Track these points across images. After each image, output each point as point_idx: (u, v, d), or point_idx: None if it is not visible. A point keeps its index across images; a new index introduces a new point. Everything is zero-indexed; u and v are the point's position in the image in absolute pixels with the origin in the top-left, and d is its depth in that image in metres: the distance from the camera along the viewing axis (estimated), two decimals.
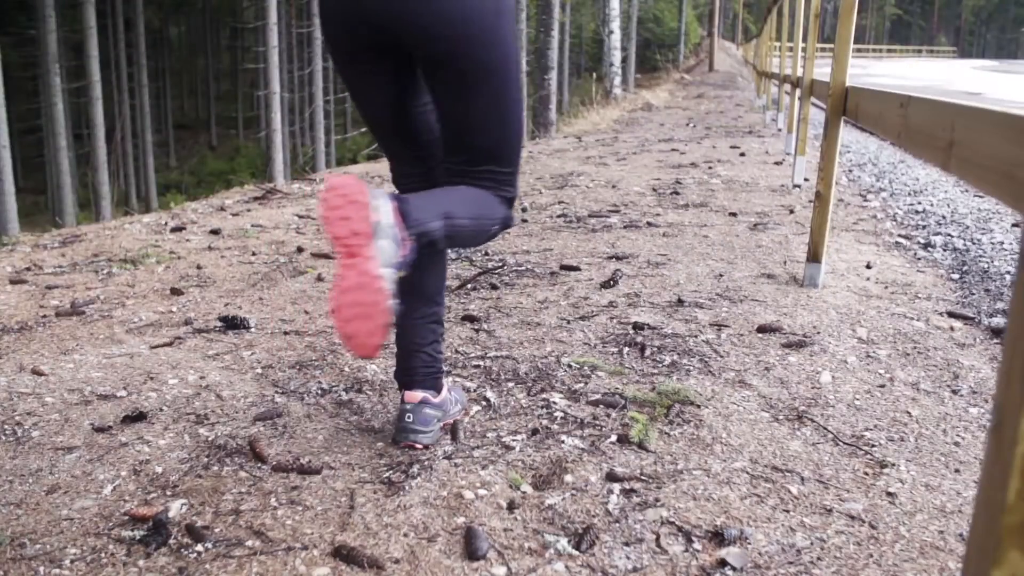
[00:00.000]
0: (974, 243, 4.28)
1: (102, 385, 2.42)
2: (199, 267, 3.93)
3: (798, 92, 6.47)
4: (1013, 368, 0.84)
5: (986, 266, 3.82)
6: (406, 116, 1.98)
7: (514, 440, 2.03)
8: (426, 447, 2.00)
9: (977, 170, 1.38)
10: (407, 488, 1.79)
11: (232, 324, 2.99)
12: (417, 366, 2.05)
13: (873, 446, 2.03)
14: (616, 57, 22.45)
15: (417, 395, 2.03)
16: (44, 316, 3.18)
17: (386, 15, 1.77)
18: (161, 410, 2.25)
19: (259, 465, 1.92)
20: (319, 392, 2.37)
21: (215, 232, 4.79)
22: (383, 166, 8.47)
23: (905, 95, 2.12)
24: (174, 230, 4.90)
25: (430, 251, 1.89)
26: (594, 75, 24.94)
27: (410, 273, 1.84)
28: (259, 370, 2.56)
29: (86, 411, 2.23)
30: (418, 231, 1.73)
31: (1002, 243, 4.25)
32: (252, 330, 2.96)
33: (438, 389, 2.07)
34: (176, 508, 1.72)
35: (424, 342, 2.05)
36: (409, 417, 2.01)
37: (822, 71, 6.83)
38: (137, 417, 2.18)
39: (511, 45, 1.90)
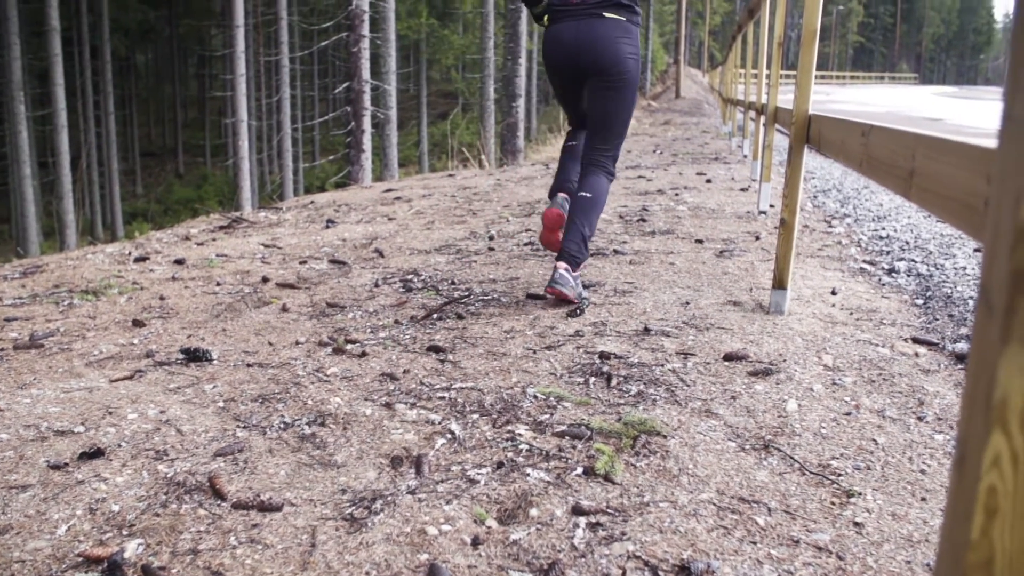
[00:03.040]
0: (937, 268, 4.31)
1: (59, 420, 2.37)
2: (162, 298, 3.88)
3: (763, 119, 6.53)
4: (975, 401, 0.83)
5: (949, 291, 3.85)
6: (581, 103, 3.83)
7: (479, 473, 2.00)
8: (567, 299, 3.45)
9: (937, 199, 1.38)
10: (369, 525, 1.76)
11: (194, 356, 2.95)
12: (568, 244, 3.56)
13: (840, 475, 2.02)
14: None
15: (563, 265, 3.49)
16: (2, 349, 3.12)
17: (587, 61, 3.57)
18: (120, 446, 2.20)
19: (219, 502, 1.88)
20: (281, 426, 2.33)
21: (179, 262, 4.74)
22: (349, 194, 8.45)
23: (867, 124, 2.13)
24: (137, 260, 4.84)
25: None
26: None
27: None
28: (221, 403, 2.52)
29: (42, 448, 2.18)
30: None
31: (964, 268, 4.29)
32: (214, 362, 2.92)
33: (573, 260, 3.52)
34: (132, 548, 1.68)
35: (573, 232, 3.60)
36: (558, 276, 3.44)
37: (786, 98, 6.92)
38: (94, 453, 2.13)
39: (634, 74, 3.64)
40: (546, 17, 3.66)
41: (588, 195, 3.62)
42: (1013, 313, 0.77)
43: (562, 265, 3.47)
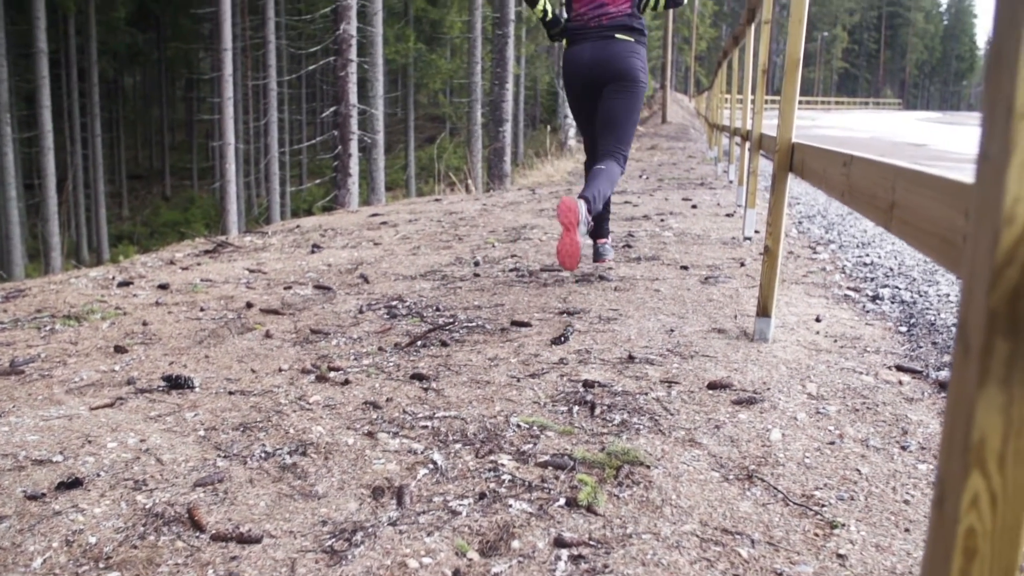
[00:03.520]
0: (921, 295, 4.33)
1: (37, 449, 2.35)
2: (145, 323, 3.85)
3: (748, 145, 6.56)
4: (953, 441, 0.83)
5: (933, 319, 3.86)
6: (595, 116, 4.44)
7: (461, 505, 1.99)
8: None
9: (917, 233, 1.39)
10: (350, 557, 1.74)
11: (176, 384, 2.93)
12: (602, 227, 4.76)
13: (823, 506, 2.02)
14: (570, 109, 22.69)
15: (603, 240, 4.77)
16: None
17: (603, 73, 4.25)
18: (98, 475, 2.18)
19: (197, 534, 1.86)
20: (262, 455, 2.31)
21: (163, 287, 4.72)
22: (336, 218, 8.44)
23: (848, 154, 2.14)
24: (121, 285, 4.82)
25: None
26: (549, 127, 25.22)
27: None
28: (202, 432, 2.49)
29: (19, 477, 2.16)
30: (593, 214, 4.02)
31: (948, 295, 4.31)
32: (196, 390, 2.90)
33: (606, 236, 4.80)
34: None
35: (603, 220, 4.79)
36: (601, 250, 4.74)
37: (771, 123, 6.92)
38: (72, 483, 2.11)
39: (644, 84, 4.35)
40: (565, 40, 4.35)
41: (603, 167, 4.27)
42: (990, 354, 0.76)
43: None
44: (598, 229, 4.74)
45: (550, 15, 4.34)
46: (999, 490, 0.78)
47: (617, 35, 4.19)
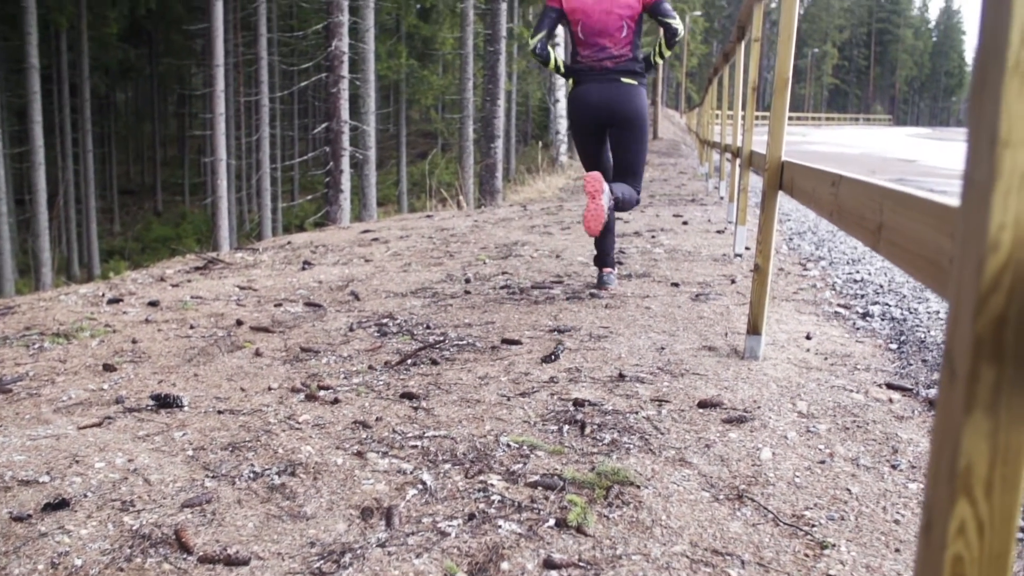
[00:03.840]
0: (911, 312, 4.34)
1: (24, 470, 2.33)
2: (134, 341, 3.84)
3: (738, 161, 6.58)
4: (940, 468, 0.83)
5: (923, 336, 3.87)
6: (600, 152, 4.78)
7: (450, 525, 1.98)
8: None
9: (905, 255, 1.39)
10: None
11: (164, 403, 2.91)
12: (608, 256, 4.95)
13: (813, 526, 2.01)
14: (562, 125, 22.80)
15: (608, 269, 4.95)
16: None
17: (611, 114, 4.57)
18: (85, 496, 2.16)
19: (185, 556, 1.85)
20: (251, 475, 2.30)
21: (153, 304, 4.70)
22: (327, 234, 8.43)
23: (836, 174, 2.14)
24: (111, 302, 4.80)
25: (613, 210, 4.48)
26: (540, 143, 25.27)
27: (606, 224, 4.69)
28: (190, 452, 2.48)
29: (5, 498, 2.14)
30: (613, 194, 4.35)
31: (938, 312, 4.32)
32: (185, 409, 2.89)
33: (612, 267, 4.99)
34: None
35: (610, 249, 4.96)
36: (605, 279, 4.90)
37: (761, 139, 6.92)
38: (59, 504, 2.09)
39: (647, 121, 4.69)
40: (571, 80, 4.72)
41: (624, 186, 4.66)
42: (976, 380, 0.76)
43: (608, 271, 4.95)
44: (604, 258, 4.96)
45: (562, 68, 4.73)
46: (986, 518, 0.77)
47: (623, 79, 4.56)
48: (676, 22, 4.52)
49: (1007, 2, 0.72)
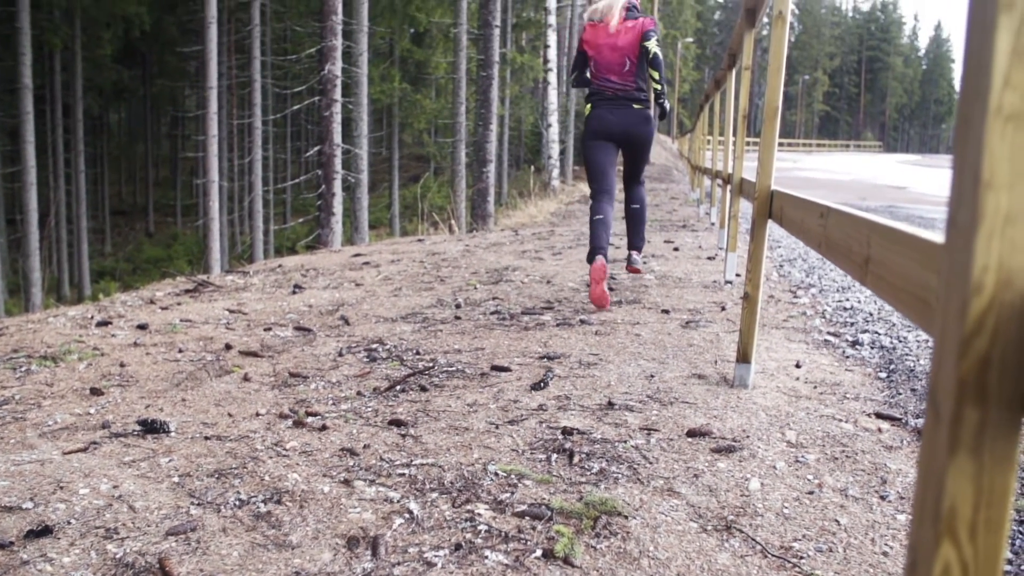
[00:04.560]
0: (900, 341, 4.34)
1: (7, 496, 2.31)
2: (122, 365, 3.82)
3: (729, 187, 6.60)
4: (924, 509, 0.82)
5: (912, 365, 3.87)
6: (609, 167, 5.38)
7: (436, 556, 1.97)
8: (639, 272, 5.79)
9: (892, 289, 1.39)
10: None
11: (151, 428, 2.90)
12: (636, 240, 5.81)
13: (802, 558, 2.01)
14: (554, 150, 22.88)
15: (635, 253, 5.72)
16: None
17: (625, 135, 5.35)
18: (69, 523, 2.14)
19: None
20: (237, 503, 2.28)
21: (142, 327, 4.69)
22: (318, 258, 8.43)
23: (825, 205, 2.15)
24: (100, 324, 4.79)
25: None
26: (532, 167, 25.32)
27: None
28: (176, 479, 2.46)
29: None
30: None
31: (927, 341, 4.32)
32: (172, 434, 2.87)
33: (639, 248, 5.79)
34: None
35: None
36: (633, 258, 5.67)
37: (752, 165, 6.91)
38: (42, 531, 2.08)
39: (653, 138, 5.56)
40: (589, 105, 5.45)
41: (637, 206, 5.75)
42: (960, 422, 0.76)
43: (635, 253, 5.72)
44: (635, 240, 5.80)
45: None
46: (971, 560, 0.77)
47: (634, 105, 5.34)
48: (650, 43, 5.22)
49: (989, 45, 0.73)
